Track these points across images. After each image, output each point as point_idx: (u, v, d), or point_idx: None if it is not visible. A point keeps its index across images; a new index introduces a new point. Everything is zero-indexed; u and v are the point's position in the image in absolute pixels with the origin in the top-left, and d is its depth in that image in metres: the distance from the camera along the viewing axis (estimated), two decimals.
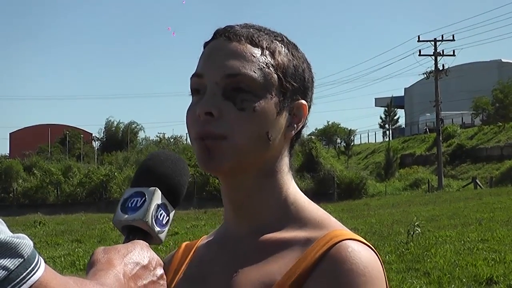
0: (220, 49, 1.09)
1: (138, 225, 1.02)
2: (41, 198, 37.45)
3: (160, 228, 1.04)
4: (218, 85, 1.06)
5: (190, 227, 17.03)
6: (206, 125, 1.05)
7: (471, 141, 42.72)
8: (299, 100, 1.12)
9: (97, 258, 0.95)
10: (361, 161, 52.53)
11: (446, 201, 22.04)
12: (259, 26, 1.14)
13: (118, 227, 1.05)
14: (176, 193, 1.09)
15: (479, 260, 9.30)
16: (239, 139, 1.05)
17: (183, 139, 68.39)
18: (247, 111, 1.05)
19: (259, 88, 1.07)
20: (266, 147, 1.09)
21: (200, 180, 35.05)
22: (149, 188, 1.04)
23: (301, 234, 1.08)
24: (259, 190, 1.11)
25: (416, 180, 38.17)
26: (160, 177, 1.07)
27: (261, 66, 1.08)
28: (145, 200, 1.03)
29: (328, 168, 35.47)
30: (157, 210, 1.04)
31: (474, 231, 12.76)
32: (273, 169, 1.12)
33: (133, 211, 1.03)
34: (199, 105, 1.06)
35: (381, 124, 55.39)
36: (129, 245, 0.98)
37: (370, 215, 18.99)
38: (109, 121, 73.36)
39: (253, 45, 1.09)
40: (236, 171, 1.08)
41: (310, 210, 1.12)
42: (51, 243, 15.69)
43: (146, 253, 0.99)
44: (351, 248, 1.01)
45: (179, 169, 1.10)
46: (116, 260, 0.94)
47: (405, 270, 9.00)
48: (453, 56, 39.41)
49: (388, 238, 12.55)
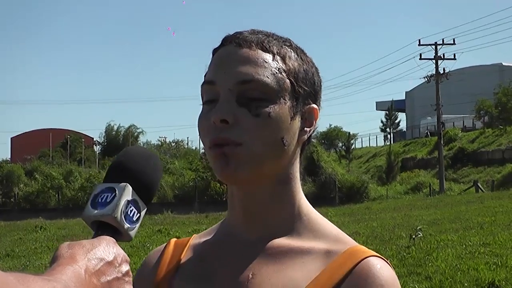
0: (231, 55, 1.09)
1: (106, 220, 1.00)
2: (42, 202, 37.40)
3: (129, 224, 1.02)
4: (231, 92, 1.06)
5: (192, 231, 17.00)
6: (221, 132, 1.05)
7: (472, 144, 42.68)
8: (311, 104, 1.13)
9: (60, 253, 0.92)
10: (363, 164, 52.50)
11: (447, 205, 22.00)
12: (266, 32, 1.14)
13: (88, 222, 1.02)
14: (148, 190, 1.07)
15: (480, 264, 9.27)
16: (255, 145, 1.05)
17: (184, 143, 68.46)
18: (262, 117, 1.05)
19: (273, 93, 1.07)
20: (282, 152, 1.09)
21: (201, 184, 35.03)
22: (120, 184, 1.02)
23: (319, 245, 1.09)
24: (274, 198, 1.11)
25: (418, 184, 38.12)
26: (132, 173, 1.05)
27: (274, 71, 1.08)
28: (115, 196, 1.01)
29: (329, 172, 35.46)
30: (127, 206, 1.01)
31: (476, 235, 12.73)
32: (288, 176, 1.13)
33: (102, 206, 1.01)
34: (213, 112, 1.06)
35: (382, 127, 55.36)
36: (95, 241, 0.96)
37: (372, 219, 18.97)
38: (109, 125, 73.43)
39: (264, 51, 1.09)
40: (253, 179, 1.08)
41: (324, 224, 1.14)
42: (52, 248, 15.66)
43: (112, 249, 0.96)
44: (379, 266, 1.04)
45: (151, 166, 1.08)
46: (79, 256, 0.92)
47: (407, 274, 8.98)
48: (454, 59, 39.49)
49: (390, 242, 12.54)
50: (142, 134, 75.98)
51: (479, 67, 64.31)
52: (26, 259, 13.64)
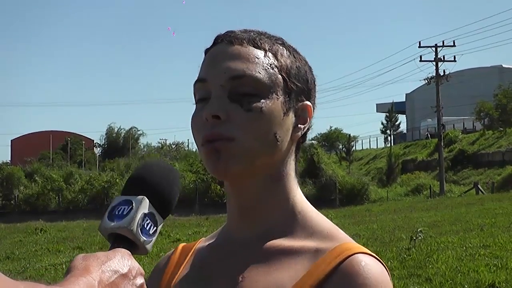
0: (222, 53, 1.09)
1: (123, 233, 1.00)
2: (42, 205, 37.39)
3: (146, 237, 1.01)
4: (223, 88, 1.06)
5: (192, 234, 16.98)
6: (214, 128, 1.04)
7: (472, 146, 42.68)
8: (304, 101, 1.13)
9: (75, 265, 0.92)
10: (363, 166, 52.50)
11: (448, 207, 21.99)
12: (258, 31, 1.14)
13: (104, 234, 1.02)
14: (166, 204, 1.06)
15: (481, 266, 9.26)
16: (247, 140, 1.04)
17: (185, 145, 68.44)
18: (254, 111, 1.05)
19: (265, 88, 1.07)
20: (275, 148, 1.08)
21: (201, 186, 35.04)
22: (137, 197, 1.02)
23: (310, 244, 1.07)
24: (267, 194, 1.11)
25: (418, 186, 38.08)
26: (150, 186, 1.05)
27: (266, 67, 1.08)
28: (132, 208, 1.01)
29: (329, 174, 35.45)
30: (144, 219, 1.01)
31: (476, 237, 12.72)
32: (280, 173, 1.12)
33: (119, 218, 1.00)
34: (205, 108, 1.06)
35: (382, 129, 55.35)
36: (110, 253, 0.96)
37: (372, 221, 18.96)
38: (110, 127, 73.47)
39: (256, 48, 1.09)
40: (245, 174, 1.07)
41: (317, 220, 1.12)
42: (53, 250, 15.67)
43: (127, 262, 0.96)
44: (364, 263, 1.01)
45: (170, 180, 1.08)
46: (93, 267, 0.91)
47: (407, 276, 8.97)
48: (454, 61, 39.47)
49: (390, 244, 12.53)
50: (143, 136, 76.16)
51: (479, 69, 64.35)
52: (26, 261, 13.64)
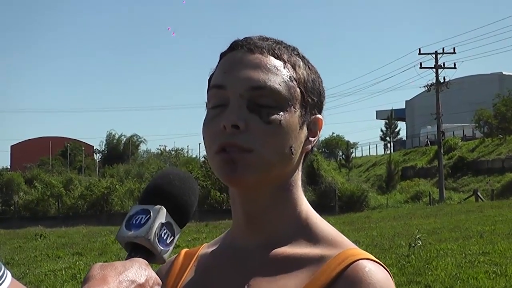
0: (242, 60, 1.08)
1: (140, 242, 1.00)
2: (42, 210, 37.37)
3: (163, 247, 1.01)
4: (242, 98, 1.05)
5: (191, 240, 16.95)
6: (231, 137, 1.04)
7: (472, 153, 42.65)
8: (316, 114, 1.13)
9: (92, 274, 0.92)
10: (363, 173, 52.46)
11: (447, 214, 21.98)
12: (275, 39, 1.13)
13: (122, 243, 1.03)
14: (183, 213, 1.06)
15: (480, 273, 9.27)
16: (266, 153, 1.04)
17: (184, 152, 68.38)
18: (273, 124, 1.05)
19: (284, 101, 1.06)
20: (289, 161, 1.09)
21: (201, 193, 34.79)
22: (155, 206, 1.02)
23: (314, 251, 1.08)
24: (275, 203, 1.11)
25: (417, 193, 38.06)
26: (168, 196, 1.05)
27: (285, 79, 1.07)
28: (149, 218, 1.01)
29: (329, 181, 35.46)
30: (161, 228, 1.01)
31: (476, 244, 12.72)
32: (289, 183, 1.12)
33: (136, 228, 1.01)
34: (224, 117, 1.04)
35: (382, 136, 55.34)
36: (127, 263, 0.96)
37: (372, 227, 18.94)
38: (110, 134, 73.50)
39: (276, 58, 1.09)
40: (258, 185, 1.07)
41: (322, 228, 1.12)
42: (52, 256, 15.65)
43: (144, 272, 0.96)
44: (368, 268, 1.01)
45: (187, 189, 1.08)
46: (111, 277, 0.92)
47: (407, 283, 8.98)
48: (454, 68, 39.50)
49: (389, 251, 12.52)
50: (143, 143, 76.15)
51: (479, 76, 64.36)
52: (26, 267, 13.61)
